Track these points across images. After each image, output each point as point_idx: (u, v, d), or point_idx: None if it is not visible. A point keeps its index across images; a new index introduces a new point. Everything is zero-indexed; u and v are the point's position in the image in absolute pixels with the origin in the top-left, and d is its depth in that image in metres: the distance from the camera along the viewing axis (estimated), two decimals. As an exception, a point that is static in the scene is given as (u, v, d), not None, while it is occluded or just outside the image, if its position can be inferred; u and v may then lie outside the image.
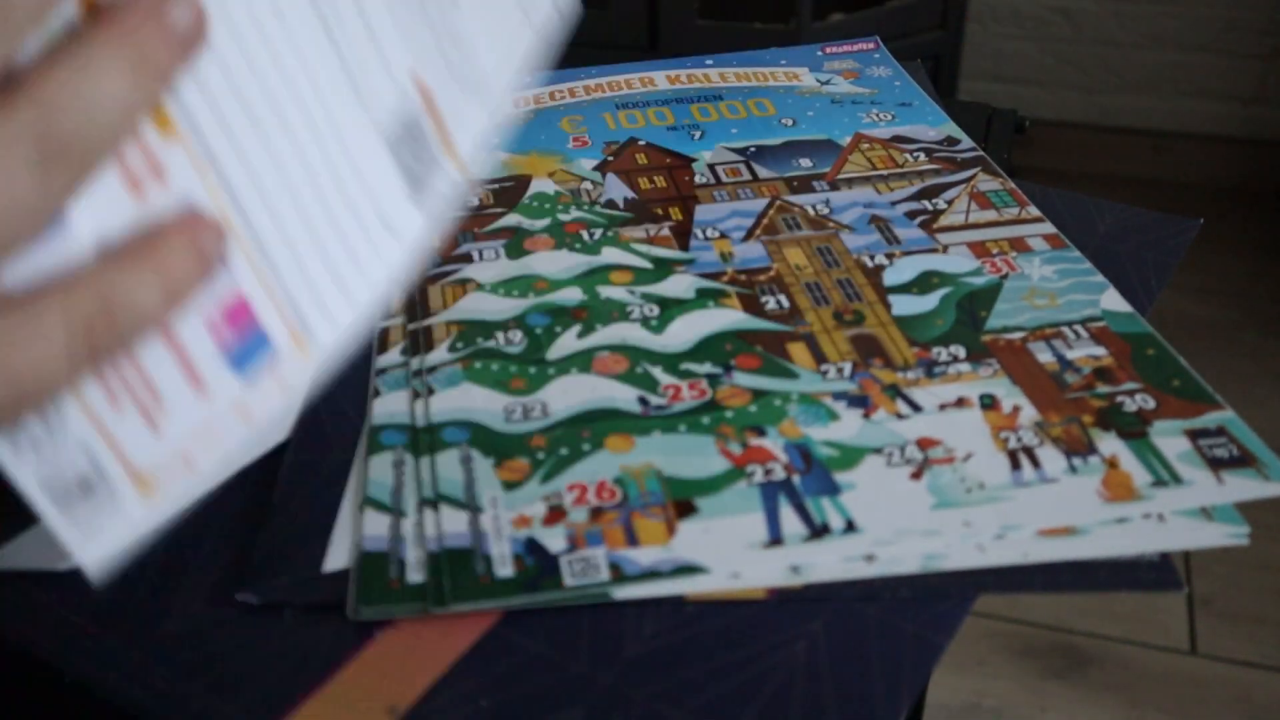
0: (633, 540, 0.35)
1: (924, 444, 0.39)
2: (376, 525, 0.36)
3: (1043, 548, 0.35)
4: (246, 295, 0.26)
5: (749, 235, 0.51)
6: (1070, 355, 0.42)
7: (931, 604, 0.33)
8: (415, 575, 0.34)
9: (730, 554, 0.35)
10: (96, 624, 0.34)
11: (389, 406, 0.41)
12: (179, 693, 0.32)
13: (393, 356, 0.44)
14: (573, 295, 0.47)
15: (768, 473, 0.38)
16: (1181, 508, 0.36)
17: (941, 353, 0.43)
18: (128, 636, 0.33)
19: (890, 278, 0.47)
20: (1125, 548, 0.35)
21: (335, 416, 0.41)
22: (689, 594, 0.34)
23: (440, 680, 0.31)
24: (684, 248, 0.50)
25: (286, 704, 0.31)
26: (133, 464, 0.25)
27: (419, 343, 0.45)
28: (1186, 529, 0.35)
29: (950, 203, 0.52)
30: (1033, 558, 0.34)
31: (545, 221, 0.52)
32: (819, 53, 0.68)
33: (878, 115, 0.61)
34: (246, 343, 0.26)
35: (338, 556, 0.36)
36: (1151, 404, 0.40)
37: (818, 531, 0.35)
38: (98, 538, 0.24)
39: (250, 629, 0.33)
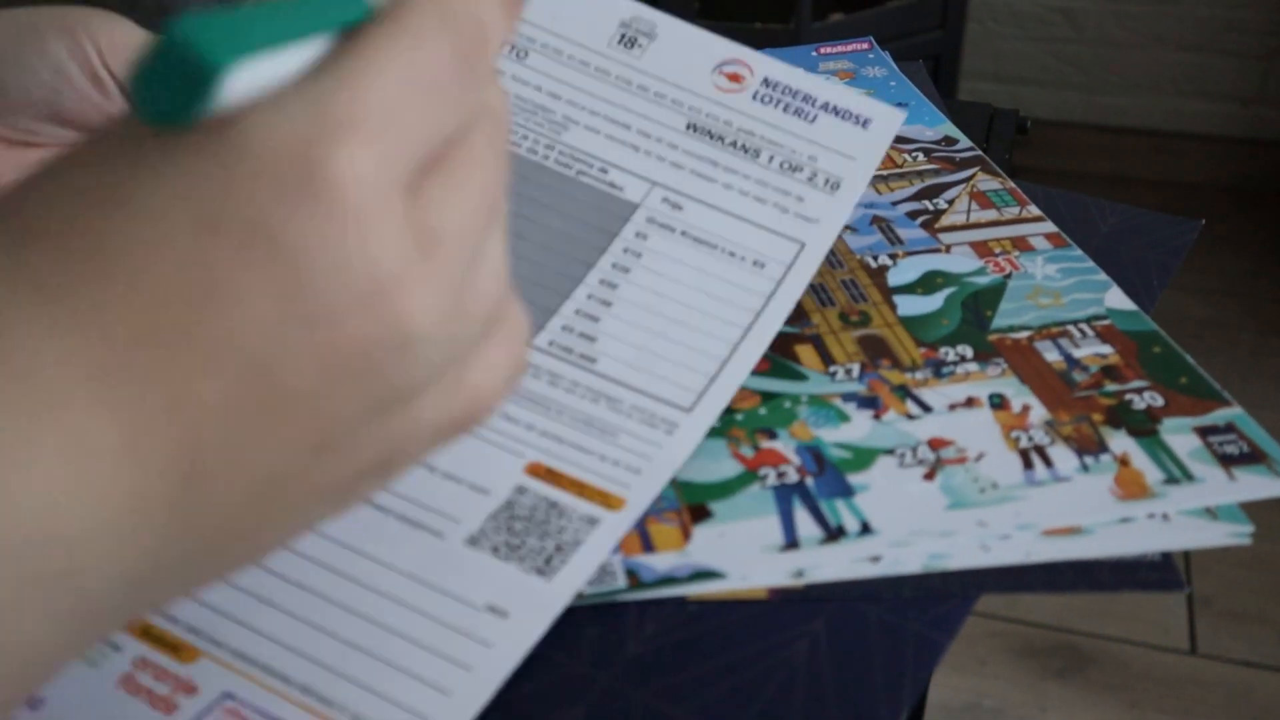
0: (649, 546, 0.35)
1: (936, 444, 0.38)
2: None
3: (1045, 547, 0.35)
4: None
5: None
6: (1077, 354, 0.42)
7: (933, 604, 0.33)
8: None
9: (746, 558, 0.34)
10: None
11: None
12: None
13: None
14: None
15: (780, 475, 0.37)
16: (1194, 505, 0.35)
17: (949, 353, 0.43)
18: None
19: (894, 278, 0.47)
20: (1128, 547, 0.35)
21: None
22: (691, 594, 0.34)
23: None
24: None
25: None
26: None
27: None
28: (1191, 528, 0.35)
29: (951, 202, 0.52)
30: (1035, 557, 0.34)
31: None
32: (813, 54, 0.68)
33: (876, 115, 0.60)
34: None
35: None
36: (1160, 401, 0.40)
37: (833, 534, 0.35)
38: None
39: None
